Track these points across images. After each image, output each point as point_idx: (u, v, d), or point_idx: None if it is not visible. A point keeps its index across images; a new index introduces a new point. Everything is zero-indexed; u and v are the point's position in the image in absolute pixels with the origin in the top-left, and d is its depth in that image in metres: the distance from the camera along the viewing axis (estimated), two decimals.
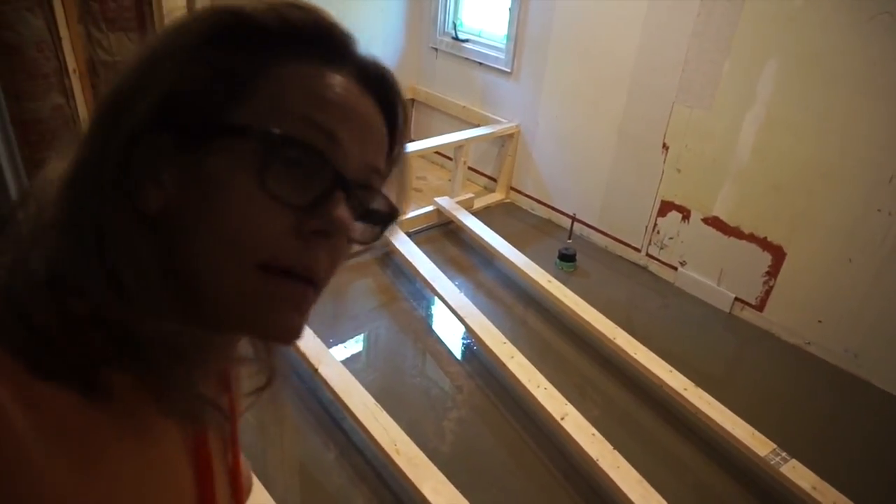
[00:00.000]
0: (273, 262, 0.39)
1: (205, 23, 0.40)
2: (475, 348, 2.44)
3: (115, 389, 0.38)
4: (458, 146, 3.31)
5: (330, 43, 0.42)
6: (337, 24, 0.43)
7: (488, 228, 3.03)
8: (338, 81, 0.42)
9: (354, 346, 2.46)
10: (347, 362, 2.28)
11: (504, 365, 2.15)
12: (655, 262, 3.09)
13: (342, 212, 0.41)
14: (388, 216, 0.46)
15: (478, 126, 3.61)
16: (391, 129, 0.47)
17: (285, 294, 0.40)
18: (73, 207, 0.39)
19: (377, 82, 0.45)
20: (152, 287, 0.39)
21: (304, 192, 0.40)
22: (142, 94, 0.38)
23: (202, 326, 0.41)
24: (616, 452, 1.83)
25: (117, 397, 0.38)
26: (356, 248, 0.48)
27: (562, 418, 1.93)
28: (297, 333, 0.42)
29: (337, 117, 0.41)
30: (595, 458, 1.80)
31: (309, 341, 2.12)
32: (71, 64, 2.28)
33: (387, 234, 0.48)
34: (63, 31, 2.22)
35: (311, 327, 2.19)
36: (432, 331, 2.60)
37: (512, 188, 3.70)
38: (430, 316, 2.68)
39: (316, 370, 2.02)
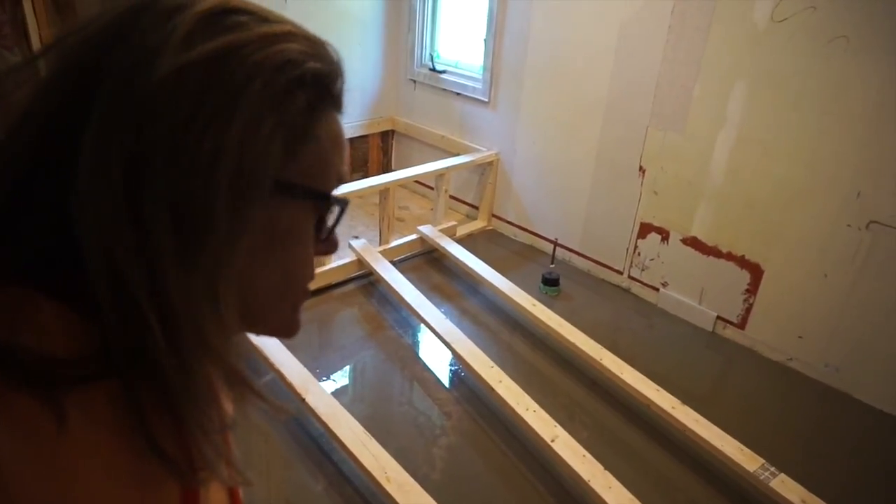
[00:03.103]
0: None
1: (286, 71, 0.39)
2: (463, 374, 2.44)
3: (90, 411, 0.37)
4: (439, 175, 3.35)
5: (340, 89, 0.45)
6: (342, 70, 0.45)
7: (472, 255, 3.05)
8: (340, 124, 0.46)
9: (342, 376, 2.44)
10: (335, 393, 2.26)
11: (492, 389, 2.15)
12: (637, 283, 3.13)
13: (336, 234, 0.47)
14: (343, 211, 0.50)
15: (458, 155, 3.66)
16: None
17: (299, 304, 0.48)
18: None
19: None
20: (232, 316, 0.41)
21: (324, 228, 0.46)
22: (218, 142, 0.37)
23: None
24: (607, 473, 1.83)
25: (90, 419, 0.37)
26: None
27: (552, 440, 1.93)
28: (299, 329, 0.49)
29: (342, 158, 0.46)
30: (587, 480, 1.80)
31: (295, 371, 2.11)
32: None
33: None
34: None
35: (297, 357, 2.17)
36: (419, 358, 2.59)
37: (494, 215, 3.74)
38: (416, 343, 2.68)
39: (303, 400, 2.00)
